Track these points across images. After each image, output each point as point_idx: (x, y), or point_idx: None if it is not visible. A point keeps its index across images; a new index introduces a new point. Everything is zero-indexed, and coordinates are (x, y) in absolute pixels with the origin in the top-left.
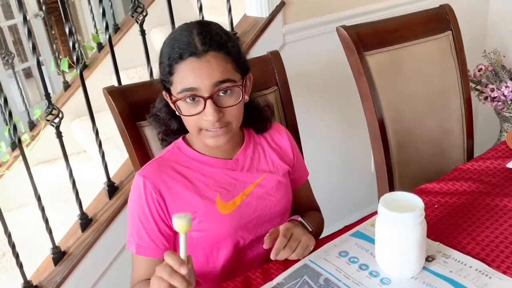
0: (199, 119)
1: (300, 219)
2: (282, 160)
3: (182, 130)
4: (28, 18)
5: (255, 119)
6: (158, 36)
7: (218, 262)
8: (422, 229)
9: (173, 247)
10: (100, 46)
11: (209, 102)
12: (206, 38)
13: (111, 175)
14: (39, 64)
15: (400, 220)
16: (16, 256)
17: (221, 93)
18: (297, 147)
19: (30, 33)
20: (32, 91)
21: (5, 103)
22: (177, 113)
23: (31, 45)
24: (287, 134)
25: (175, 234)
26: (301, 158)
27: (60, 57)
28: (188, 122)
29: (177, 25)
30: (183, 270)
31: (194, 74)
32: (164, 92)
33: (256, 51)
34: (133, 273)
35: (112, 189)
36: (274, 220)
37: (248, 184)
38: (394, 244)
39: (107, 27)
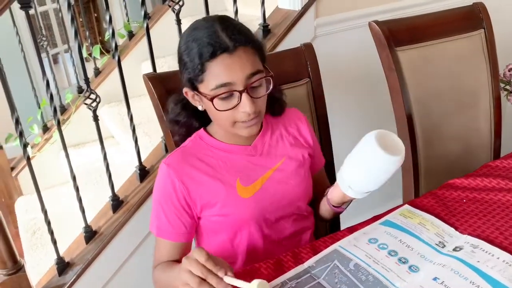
0: (234, 112)
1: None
2: (301, 145)
3: (201, 125)
4: (60, 5)
5: (272, 103)
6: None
7: (242, 244)
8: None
9: (192, 234)
10: (130, 35)
11: (244, 95)
12: (234, 34)
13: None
14: (80, 49)
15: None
16: (51, 233)
17: (255, 84)
18: (314, 133)
19: (73, 19)
20: (58, 77)
21: (47, 85)
22: (213, 108)
23: (73, 31)
24: (305, 119)
25: (195, 222)
26: (318, 145)
27: (86, 44)
28: (221, 116)
29: None
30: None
31: (227, 70)
32: (187, 91)
33: (287, 44)
34: (156, 253)
35: (143, 172)
36: (294, 203)
37: (268, 169)
38: (360, 157)
39: (145, 16)
